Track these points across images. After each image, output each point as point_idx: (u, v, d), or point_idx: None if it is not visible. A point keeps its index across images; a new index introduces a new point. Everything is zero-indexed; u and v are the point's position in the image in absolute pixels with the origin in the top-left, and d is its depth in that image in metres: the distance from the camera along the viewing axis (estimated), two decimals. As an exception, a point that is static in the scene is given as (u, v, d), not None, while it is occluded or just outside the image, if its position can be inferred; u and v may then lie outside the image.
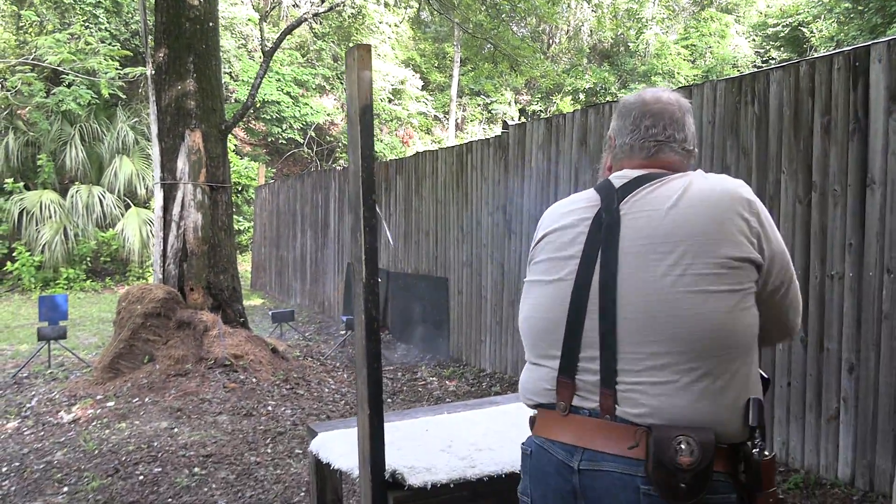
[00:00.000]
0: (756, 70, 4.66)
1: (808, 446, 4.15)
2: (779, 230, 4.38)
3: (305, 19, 11.83)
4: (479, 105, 23.75)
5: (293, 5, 19.06)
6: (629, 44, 24.05)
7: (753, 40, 23.24)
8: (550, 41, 25.84)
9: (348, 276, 9.92)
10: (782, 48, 20.99)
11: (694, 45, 23.07)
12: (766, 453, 1.37)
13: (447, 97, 23.25)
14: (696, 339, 1.35)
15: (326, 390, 6.29)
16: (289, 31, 9.54)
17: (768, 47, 22.07)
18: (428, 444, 2.48)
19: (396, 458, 2.27)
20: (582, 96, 22.49)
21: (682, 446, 1.29)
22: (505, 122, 7.13)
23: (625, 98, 1.68)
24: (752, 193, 1.48)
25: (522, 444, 1.61)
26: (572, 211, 1.58)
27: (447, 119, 23.17)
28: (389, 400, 6.13)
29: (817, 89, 4.13)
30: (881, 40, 3.91)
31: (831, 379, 4.04)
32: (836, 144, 4.02)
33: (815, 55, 4.58)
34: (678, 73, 21.68)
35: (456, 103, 23.10)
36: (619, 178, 1.57)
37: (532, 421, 1.61)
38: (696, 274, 1.37)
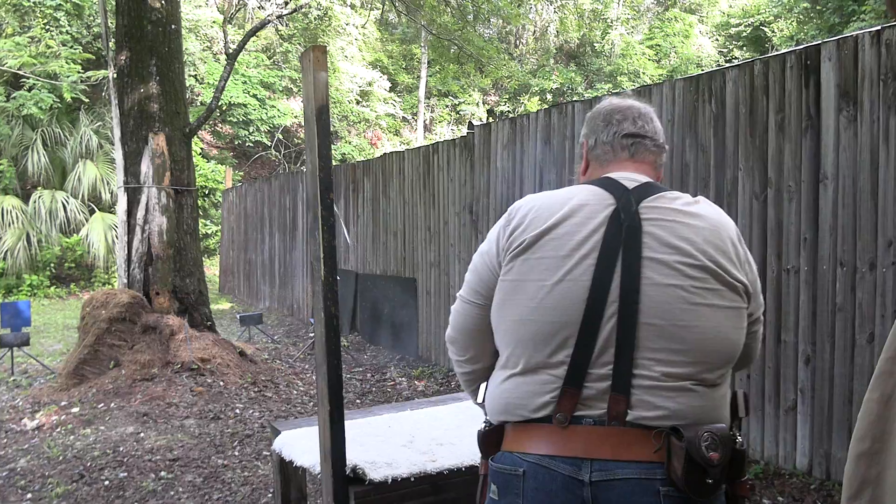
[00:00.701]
0: (713, 69, 4.75)
1: (767, 437, 4.25)
2: (737, 225, 4.46)
3: (269, 21, 11.81)
4: (447, 106, 23.80)
5: (258, 7, 18.95)
6: (595, 44, 24.27)
7: (717, 40, 23.59)
8: (517, 42, 26.00)
9: (317, 278, 9.89)
10: (745, 48, 21.31)
11: (659, 45, 23.35)
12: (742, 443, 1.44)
13: (415, 98, 23.27)
14: (713, 351, 1.41)
15: (294, 392, 6.28)
16: (253, 32, 9.51)
17: (731, 47, 22.40)
18: (390, 440, 2.50)
19: (358, 454, 2.29)
20: (549, 97, 22.65)
21: (710, 443, 1.32)
22: (471, 123, 7.18)
23: (593, 109, 1.72)
24: None
25: (499, 464, 1.49)
26: (579, 207, 1.48)
27: (415, 120, 23.19)
28: (358, 401, 6.14)
29: (771, 87, 4.23)
30: (831, 39, 4.01)
31: (789, 371, 4.14)
32: (790, 141, 4.12)
33: (768, 54, 4.69)
34: (643, 73, 21.93)
35: (424, 104, 23.12)
36: (626, 179, 1.54)
37: (491, 437, 1.54)
38: (711, 289, 1.42)
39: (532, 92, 22.83)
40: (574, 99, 19.33)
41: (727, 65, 4.94)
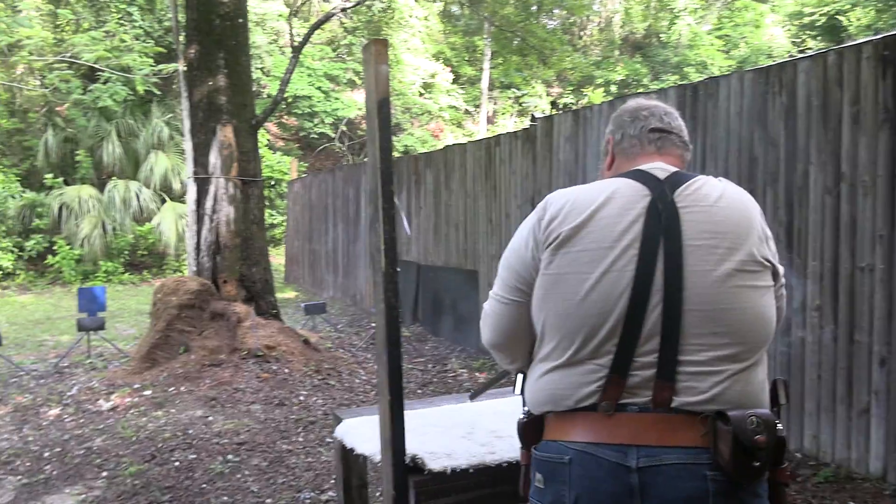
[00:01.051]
0: (784, 60, 4.62)
1: (838, 440, 4.12)
2: (807, 222, 4.30)
3: (334, 14, 11.96)
4: (509, 98, 23.71)
5: (323, 0, 19.20)
6: (661, 35, 23.82)
7: (789, 30, 22.88)
8: (581, 33, 25.70)
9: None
10: (819, 37, 20.64)
11: (728, 36, 22.77)
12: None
13: (478, 90, 23.25)
14: (752, 332, 1.44)
15: (357, 381, 6.39)
16: (317, 25, 9.65)
17: (804, 37, 21.71)
18: (450, 431, 2.53)
19: (418, 444, 2.32)
20: (614, 88, 22.34)
21: (756, 426, 1.34)
22: (533, 115, 7.15)
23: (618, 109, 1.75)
24: None
25: (544, 452, 1.51)
26: (615, 198, 1.49)
27: (478, 113, 23.17)
28: (420, 391, 6.20)
29: (846, 79, 4.09)
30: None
31: (862, 372, 4.01)
32: (865, 135, 3.98)
33: (843, 44, 4.53)
34: (711, 64, 21.42)
35: (487, 96, 23.08)
36: (657, 169, 1.56)
37: (533, 427, 1.57)
38: (748, 271, 1.45)
39: (596, 83, 22.56)
40: (639, 91, 19.00)
41: (799, 55, 4.81)
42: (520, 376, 1.68)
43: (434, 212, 8.74)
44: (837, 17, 19.25)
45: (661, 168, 1.56)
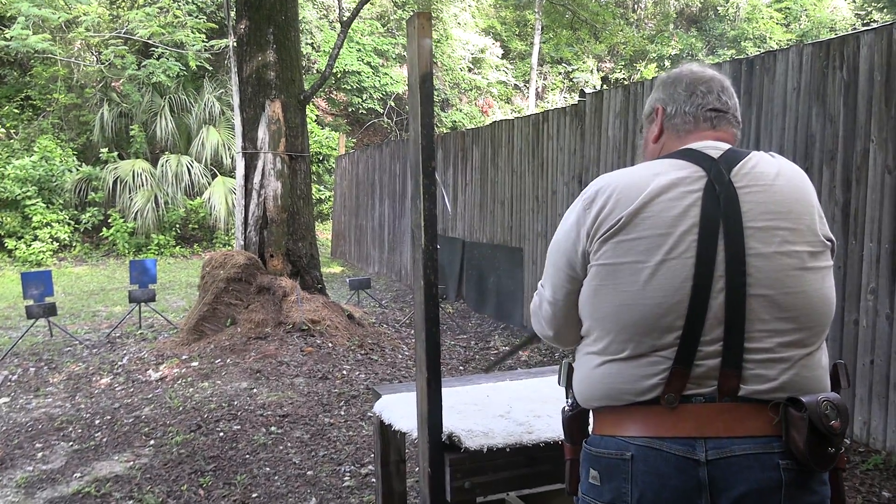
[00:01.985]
0: (845, 34, 4.43)
1: (890, 427, 4.00)
2: (865, 201, 4.16)
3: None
4: (560, 73, 23.38)
5: (374, -25, 19.11)
6: (718, 8, 23.16)
7: (854, 2, 22.03)
8: (636, 6, 25.14)
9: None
10: (885, 9, 19.83)
11: (788, 9, 22.04)
12: None
13: (528, 66, 22.97)
14: (818, 315, 1.39)
15: (400, 357, 6.41)
16: (366, 0, 9.59)
17: (870, 9, 20.88)
18: (487, 410, 2.50)
19: (455, 422, 2.30)
20: (667, 63, 21.85)
21: (830, 412, 1.30)
22: (582, 91, 7.02)
23: (664, 73, 1.65)
24: None
25: (599, 448, 1.45)
26: (668, 182, 1.41)
27: (527, 88, 22.91)
28: (462, 367, 6.20)
29: (911, 52, 3.90)
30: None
31: (917, 358, 3.87)
32: (929, 111, 3.80)
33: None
34: (770, 38, 20.78)
35: (536, 72, 22.79)
36: (709, 148, 1.47)
37: (576, 420, 1.54)
38: (811, 252, 1.40)
39: (649, 58, 22.09)
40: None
41: (862, 28, 4.60)
42: (565, 366, 1.63)
43: (480, 188, 8.68)
44: (905, -12, 18.45)
45: (713, 147, 1.48)
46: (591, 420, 1.55)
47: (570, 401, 1.58)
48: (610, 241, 1.42)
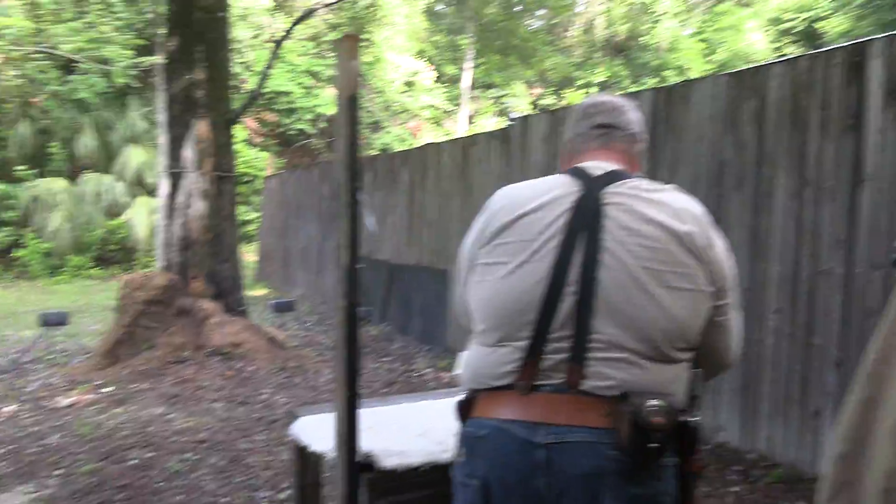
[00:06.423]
0: (757, 65, 4.63)
1: (790, 441, 4.15)
2: (772, 226, 4.31)
3: (316, 9, 11.87)
4: (490, 98, 23.70)
5: (307, -4, 19.07)
6: (641, 38, 23.93)
7: (769, 35, 23.06)
8: (564, 34, 25.75)
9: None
10: (798, 43, 20.82)
11: (708, 40, 22.93)
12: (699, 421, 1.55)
13: (459, 90, 23.22)
14: (660, 331, 1.48)
15: (322, 379, 6.32)
16: (299, 21, 9.56)
17: (784, 42, 21.89)
18: (405, 429, 2.49)
19: (373, 442, 2.28)
20: (594, 90, 22.42)
21: (655, 409, 1.40)
22: (510, 115, 7.12)
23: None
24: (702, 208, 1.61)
25: (467, 428, 1.61)
26: (547, 193, 1.58)
27: (458, 112, 23.15)
28: (385, 390, 6.14)
29: (816, 84, 4.10)
30: (881, 35, 3.87)
31: (815, 375, 4.03)
32: (831, 140, 3.99)
33: (815, 51, 4.55)
34: (690, 68, 21.56)
35: (467, 96, 23.06)
36: (594, 167, 1.63)
37: (466, 405, 1.63)
38: (667, 271, 1.49)
39: (576, 85, 22.62)
40: (618, 93, 19.06)
41: (772, 61, 4.82)
42: (460, 356, 1.77)
43: (408, 210, 8.68)
44: (816, 23, 19.41)
45: (598, 166, 1.63)
46: None
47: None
48: (490, 244, 1.61)
